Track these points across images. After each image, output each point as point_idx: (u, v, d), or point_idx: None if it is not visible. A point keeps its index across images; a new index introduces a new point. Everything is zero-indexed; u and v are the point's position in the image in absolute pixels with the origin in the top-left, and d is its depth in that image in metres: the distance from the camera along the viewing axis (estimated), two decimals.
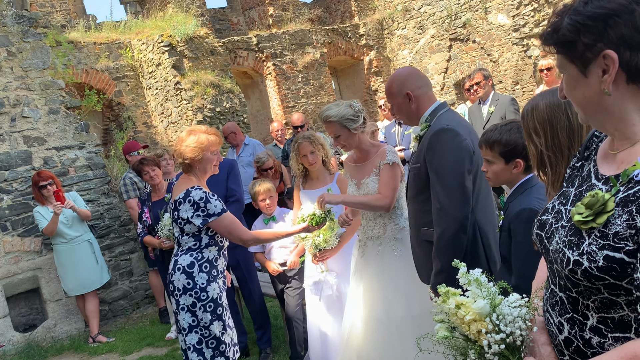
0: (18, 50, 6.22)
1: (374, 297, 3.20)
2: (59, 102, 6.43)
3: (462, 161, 2.51)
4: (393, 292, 3.10)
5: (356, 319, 3.32)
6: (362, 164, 3.32)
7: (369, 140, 3.34)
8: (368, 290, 3.26)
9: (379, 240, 3.22)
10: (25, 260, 5.96)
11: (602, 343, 1.17)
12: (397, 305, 3.06)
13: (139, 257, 6.74)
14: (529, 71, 10.90)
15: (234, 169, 4.63)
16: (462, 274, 1.42)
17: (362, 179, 3.26)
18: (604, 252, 1.10)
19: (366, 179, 3.24)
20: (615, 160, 1.21)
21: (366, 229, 3.31)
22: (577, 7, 1.15)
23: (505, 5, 11.14)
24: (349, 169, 3.43)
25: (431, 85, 2.88)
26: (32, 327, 6.03)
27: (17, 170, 5.99)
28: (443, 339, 1.42)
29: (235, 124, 7.29)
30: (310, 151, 3.80)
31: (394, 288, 3.11)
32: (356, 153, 3.38)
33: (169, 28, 10.14)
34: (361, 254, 3.34)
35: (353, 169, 3.38)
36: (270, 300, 5.66)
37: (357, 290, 3.35)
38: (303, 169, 3.94)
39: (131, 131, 10.33)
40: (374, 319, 3.18)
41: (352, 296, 3.40)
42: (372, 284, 3.22)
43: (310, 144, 3.81)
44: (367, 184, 3.22)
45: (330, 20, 15.46)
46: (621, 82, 1.13)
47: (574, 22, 1.14)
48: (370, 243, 3.28)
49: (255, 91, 13.20)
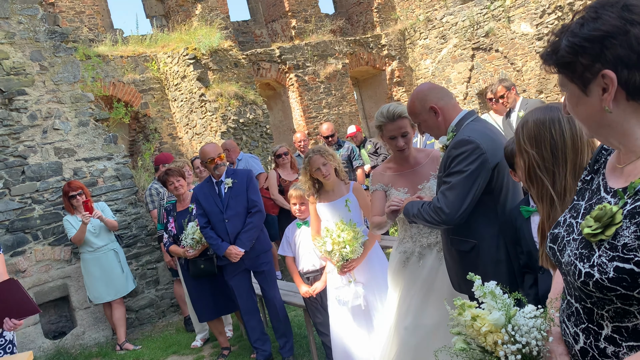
0: (50, 64, 6.44)
1: (442, 304, 2.97)
2: (88, 115, 6.62)
3: (475, 176, 2.53)
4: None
5: (416, 328, 3.15)
6: (411, 170, 3.23)
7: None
8: (434, 299, 3.08)
9: (437, 246, 3.11)
10: (56, 268, 6.13)
11: (616, 352, 1.19)
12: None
13: (165, 266, 6.86)
14: (553, 80, 10.81)
15: (252, 180, 4.72)
16: (477, 286, 1.45)
17: (418, 184, 3.16)
18: (614, 263, 1.13)
19: (426, 184, 3.15)
20: (623, 174, 1.24)
21: (418, 238, 3.19)
22: (574, 29, 1.18)
23: (528, 14, 11.09)
24: (389, 179, 3.28)
25: (452, 95, 2.89)
26: (61, 335, 6.18)
27: (48, 181, 6.18)
28: (460, 350, 1.46)
29: (232, 141, 7.46)
30: (322, 163, 3.74)
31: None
32: (399, 160, 3.27)
33: (194, 41, 10.35)
34: (415, 265, 3.19)
35: (399, 177, 3.25)
36: (294, 309, 5.72)
37: (412, 302, 3.17)
38: (314, 184, 3.88)
39: (157, 142, 10.54)
40: (445, 324, 2.97)
41: (403, 309, 3.23)
42: (443, 291, 3.03)
43: (321, 156, 3.75)
44: (430, 188, 3.12)
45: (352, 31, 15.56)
46: (621, 99, 1.16)
47: (571, 44, 1.18)
48: (427, 251, 3.15)
49: (278, 102, 13.34)
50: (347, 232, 3.66)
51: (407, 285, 3.21)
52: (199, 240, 4.82)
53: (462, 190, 2.53)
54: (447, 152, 2.64)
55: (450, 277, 2.88)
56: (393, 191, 3.23)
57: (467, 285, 2.49)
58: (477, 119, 2.74)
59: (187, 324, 6.21)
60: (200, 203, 4.66)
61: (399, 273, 3.27)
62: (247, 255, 4.58)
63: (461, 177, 2.54)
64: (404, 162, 3.26)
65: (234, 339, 5.58)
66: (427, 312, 3.09)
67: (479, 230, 2.64)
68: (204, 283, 4.91)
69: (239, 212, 4.60)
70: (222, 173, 4.67)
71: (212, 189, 4.67)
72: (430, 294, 3.10)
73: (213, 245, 4.61)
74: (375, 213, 3.22)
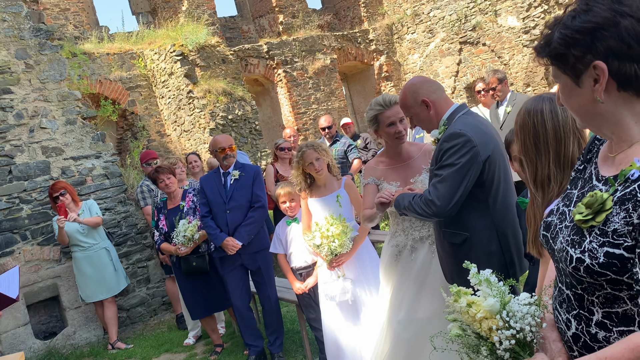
0: (36, 62, 6.37)
1: (435, 297, 3.01)
2: (75, 113, 6.56)
3: (466, 168, 2.55)
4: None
5: (410, 322, 3.15)
6: (403, 163, 3.24)
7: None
8: (427, 292, 3.09)
9: (429, 240, 3.13)
10: (45, 268, 6.08)
11: (607, 337, 1.22)
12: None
13: (155, 264, 6.83)
14: (540, 73, 10.89)
15: (259, 176, 4.73)
16: (472, 274, 1.47)
17: (411, 177, 3.18)
18: (604, 248, 1.16)
19: (418, 177, 3.17)
20: (614, 162, 1.27)
21: (410, 231, 3.21)
22: (566, 21, 1.21)
23: (515, 7, 11.15)
24: (382, 172, 3.29)
25: (443, 89, 2.90)
26: (52, 335, 6.14)
27: (36, 180, 6.12)
28: (456, 336, 1.47)
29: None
30: (315, 158, 3.75)
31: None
32: (392, 153, 3.28)
33: (181, 37, 10.28)
34: (407, 258, 3.20)
35: (392, 170, 3.27)
36: (286, 305, 5.73)
37: (405, 295, 3.18)
38: (306, 179, 3.88)
39: (145, 140, 10.47)
40: (438, 317, 2.91)
41: (396, 302, 3.23)
42: (436, 284, 3.02)
43: (315, 151, 3.76)
44: (422, 181, 3.14)
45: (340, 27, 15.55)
46: (612, 90, 1.19)
47: (563, 36, 1.21)
48: (419, 245, 3.16)
49: (267, 98, 13.31)
50: (336, 227, 3.68)
51: (400, 279, 3.22)
52: (190, 238, 4.81)
53: (454, 183, 2.55)
54: (439, 145, 2.65)
55: (442, 269, 2.90)
56: (385, 184, 3.24)
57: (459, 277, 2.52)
58: (468, 112, 2.76)
59: (180, 322, 6.20)
60: (204, 192, 4.65)
61: (392, 267, 3.28)
62: (245, 251, 4.54)
63: (453, 169, 2.56)
64: (397, 156, 3.27)
65: (227, 336, 5.58)
66: (421, 305, 3.10)
67: (471, 223, 2.66)
68: (196, 280, 4.90)
69: (242, 205, 4.58)
70: (231, 164, 4.66)
71: (218, 179, 4.66)
72: (423, 287, 3.11)
73: (211, 235, 4.57)
74: (366, 206, 3.23)
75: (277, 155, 6.56)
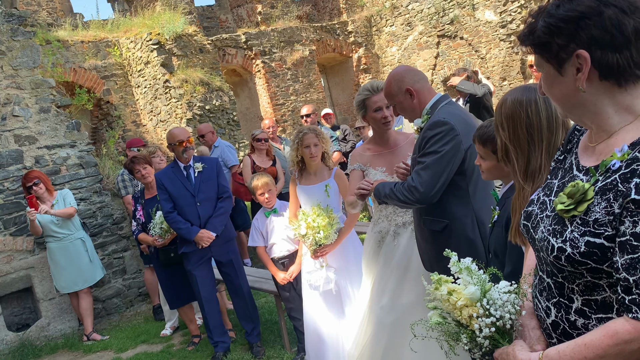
0: (8, 48, 6.21)
1: (418, 282, 2.99)
2: (49, 101, 6.42)
3: (449, 156, 2.59)
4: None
5: (393, 307, 3.17)
6: (389, 150, 3.28)
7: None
8: (410, 278, 3.12)
9: (412, 225, 3.13)
10: (18, 259, 5.97)
11: (586, 324, 1.25)
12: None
13: (131, 255, 6.75)
14: (517, 67, 11.03)
15: (221, 167, 4.77)
16: (453, 262, 1.49)
17: (396, 164, 3.13)
18: (585, 238, 1.18)
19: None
20: (595, 152, 1.29)
21: (393, 217, 3.24)
22: (550, 9, 1.23)
23: (492, 2, 11.26)
24: (369, 159, 3.32)
25: (427, 79, 2.94)
26: (25, 327, 6.03)
27: (9, 170, 5.98)
28: (436, 324, 1.50)
29: (209, 125, 7.45)
30: (314, 143, 3.77)
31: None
32: (379, 140, 3.32)
33: (157, 26, 10.13)
34: (390, 244, 3.22)
35: (378, 157, 3.30)
36: (265, 296, 5.72)
37: (388, 281, 3.20)
38: (300, 162, 3.90)
39: (120, 130, 10.32)
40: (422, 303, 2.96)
41: (379, 288, 3.25)
42: (419, 269, 3.03)
43: (316, 136, 3.79)
44: None
45: (319, 18, 15.50)
46: (595, 79, 1.21)
47: (547, 25, 1.22)
48: (402, 230, 3.20)
49: (245, 89, 13.22)
50: (322, 218, 3.70)
51: (383, 265, 3.25)
52: (167, 230, 4.77)
53: (437, 170, 2.59)
54: (422, 134, 2.68)
55: (421, 256, 2.93)
56: (371, 170, 3.28)
57: (438, 264, 2.56)
58: (450, 103, 2.80)
59: (156, 313, 6.15)
60: (165, 188, 4.51)
61: (375, 254, 3.31)
62: (215, 242, 4.53)
63: (436, 157, 2.59)
64: (384, 143, 3.32)
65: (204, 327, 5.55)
66: (404, 291, 3.14)
67: (451, 210, 2.70)
68: (175, 270, 4.87)
69: (211, 197, 4.57)
70: (191, 157, 4.61)
71: (179, 173, 4.57)
72: (406, 273, 3.15)
73: (181, 230, 4.46)
74: (351, 192, 3.25)
75: (254, 147, 6.50)
